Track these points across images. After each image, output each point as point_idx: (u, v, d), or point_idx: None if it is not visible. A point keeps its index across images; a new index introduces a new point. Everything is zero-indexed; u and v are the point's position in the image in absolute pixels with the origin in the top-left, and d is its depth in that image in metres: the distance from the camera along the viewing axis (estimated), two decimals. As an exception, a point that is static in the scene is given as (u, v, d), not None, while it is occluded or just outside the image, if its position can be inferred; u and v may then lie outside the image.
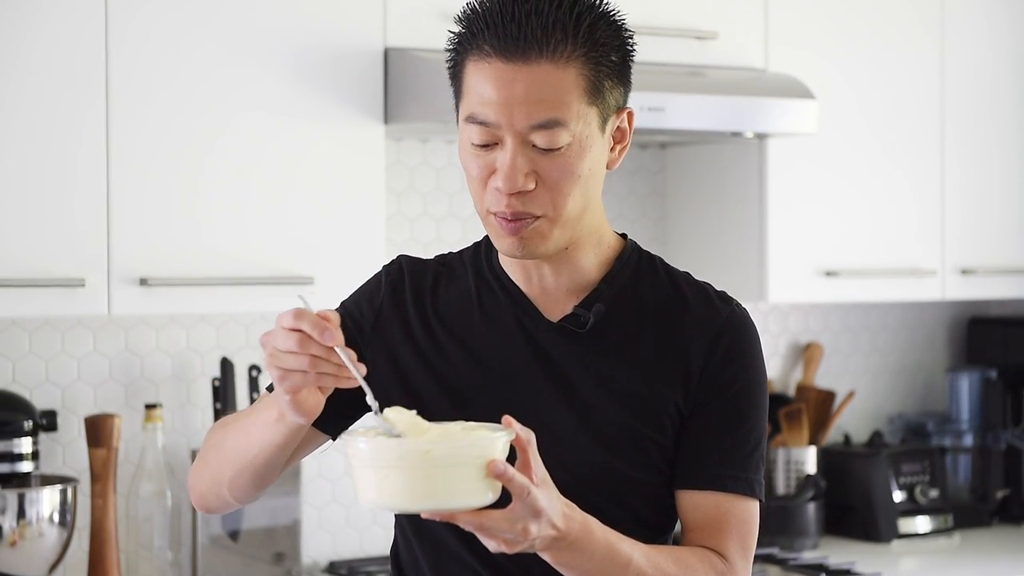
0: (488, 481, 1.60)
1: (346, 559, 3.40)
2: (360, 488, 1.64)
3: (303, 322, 1.63)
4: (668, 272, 1.92)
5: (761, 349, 1.90)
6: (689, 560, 1.80)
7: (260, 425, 1.78)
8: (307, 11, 3.00)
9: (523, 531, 1.61)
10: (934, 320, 4.34)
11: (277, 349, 1.65)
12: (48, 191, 2.78)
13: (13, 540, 2.89)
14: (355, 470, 1.64)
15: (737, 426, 1.86)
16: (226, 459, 1.84)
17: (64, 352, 3.16)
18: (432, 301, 1.90)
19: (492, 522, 1.60)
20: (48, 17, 2.78)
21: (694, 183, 3.78)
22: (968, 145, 3.83)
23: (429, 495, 1.59)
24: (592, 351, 1.85)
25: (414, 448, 1.59)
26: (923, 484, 3.89)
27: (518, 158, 1.75)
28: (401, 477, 1.59)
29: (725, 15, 3.46)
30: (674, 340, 1.86)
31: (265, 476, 1.83)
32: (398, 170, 3.48)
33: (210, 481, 1.88)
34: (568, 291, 1.88)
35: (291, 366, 1.65)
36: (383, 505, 1.63)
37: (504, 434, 1.62)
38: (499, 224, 1.78)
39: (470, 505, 1.60)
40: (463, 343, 1.87)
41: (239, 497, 1.88)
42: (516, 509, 1.60)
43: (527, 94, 1.73)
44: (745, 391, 1.86)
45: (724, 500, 1.86)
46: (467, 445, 1.60)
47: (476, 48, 1.76)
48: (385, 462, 1.60)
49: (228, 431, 1.86)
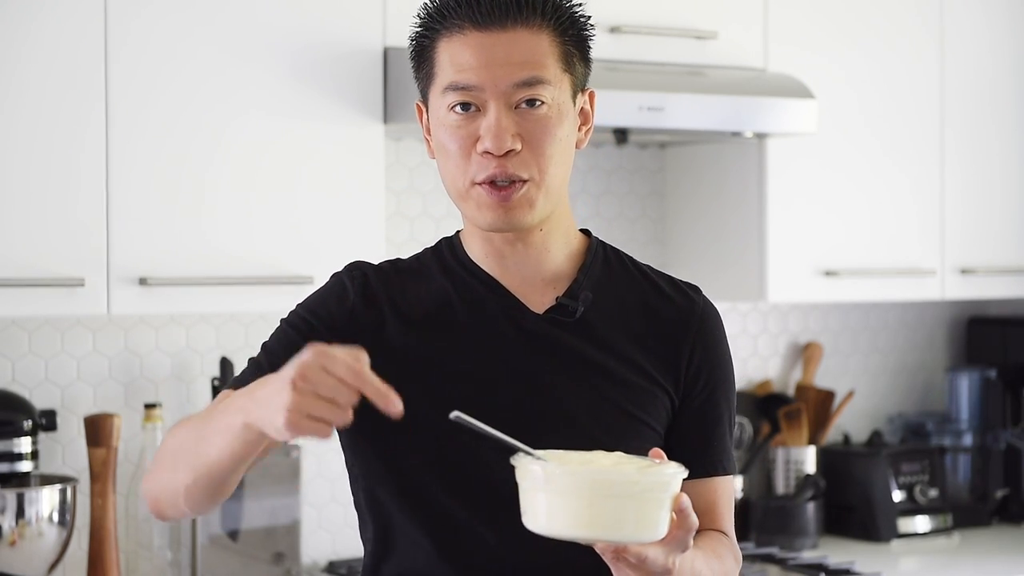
0: (665, 515, 1.59)
1: (346, 559, 3.40)
2: (530, 513, 1.59)
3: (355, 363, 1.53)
4: (635, 265, 1.96)
5: (726, 333, 1.97)
6: (720, 551, 1.85)
7: (223, 433, 1.65)
8: (307, 11, 3.00)
9: (672, 564, 1.63)
10: (934, 320, 4.34)
11: (321, 372, 1.52)
12: (48, 191, 2.78)
13: (12, 540, 2.89)
14: (525, 493, 1.60)
15: (724, 411, 1.92)
16: (183, 466, 1.73)
17: (64, 352, 3.16)
18: (404, 302, 1.88)
19: (655, 554, 1.61)
20: (48, 17, 2.78)
21: (694, 183, 3.78)
22: (968, 145, 3.83)
23: (617, 525, 1.56)
24: (583, 341, 1.87)
25: (621, 478, 1.56)
26: (923, 484, 3.89)
27: (503, 118, 1.78)
28: (590, 504, 1.55)
29: (725, 15, 3.46)
30: (657, 330, 1.89)
31: (221, 487, 1.74)
32: (398, 170, 3.48)
33: (166, 488, 1.77)
34: (544, 282, 1.89)
35: (329, 393, 1.52)
36: (556, 533, 1.58)
37: (683, 471, 1.61)
38: (487, 193, 1.80)
39: (649, 538, 1.59)
40: (450, 335, 1.86)
41: (194, 507, 1.77)
42: (675, 542, 1.62)
43: (508, 56, 1.78)
44: (726, 376, 1.93)
45: (720, 483, 1.92)
46: (665, 480, 1.58)
47: (447, 27, 1.80)
48: (574, 489, 1.55)
49: (186, 436, 1.75)
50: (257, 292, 2.95)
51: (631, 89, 3.17)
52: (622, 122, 3.20)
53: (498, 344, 1.86)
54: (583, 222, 1.98)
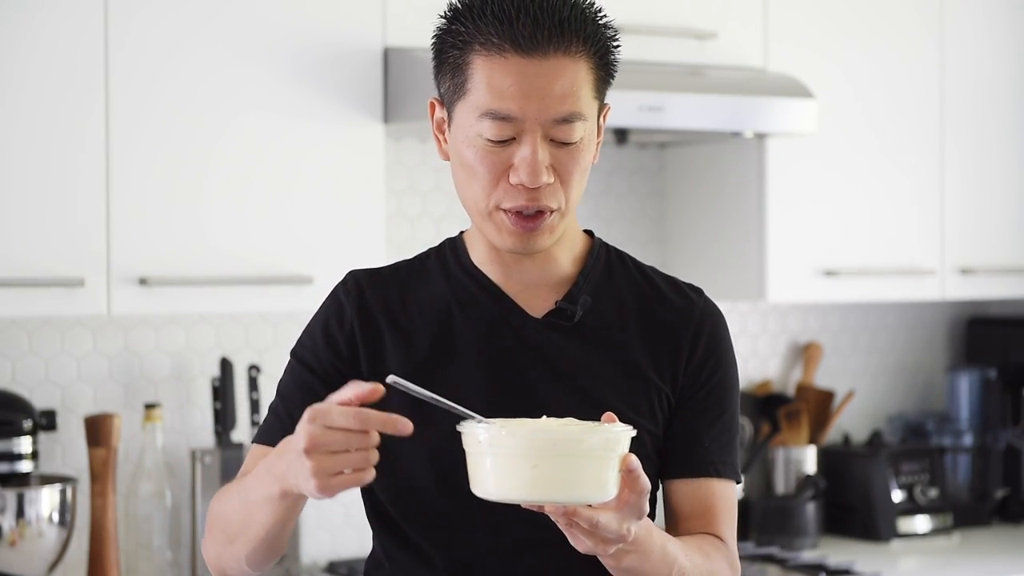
0: (613, 476, 1.57)
1: (346, 559, 3.40)
2: (478, 478, 1.59)
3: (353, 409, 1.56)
4: (637, 266, 1.95)
5: (730, 336, 1.95)
6: (708, 550, 1.83)
7: (264, 504, 1.70)
8: (307, 11, 3.00)
9: (626, 531, 1.60)
10: (934, 320, 4.34)
11: (326, 432, 1.55)
12: (48, 191, 2.78)
13: (12, 540, 2.89)
14: (472, 458, 1.59)
15: (722, 413, 1.90)
16: (238, 539, 1.78)
17: (64, 352, 3.16)
18: (401, 311, 1.87)
19: (607, 519, 1.58)
20: (48, 17, 2.78)
21: (694, 183, 3.78)
22: (968, 145, 3.83)
23: (564, 486, 1.55)
24: (581, 345, 1.86)
25: (566, 436, 1.54)
26: (922, 484, 3.89)
27: (540, 152, 1.76)
28: (535, 465, 1.54)
29: (724, 14, 3.46)
30: (657, 331, 1.89)
31: (277, 544, 1.78)
32: (397, 170, 3.48)
33: (230, 558, 1.82)
34: (547, 286, 1.88)
35: (343, 447, 1.55)
36: (504, 496, 1.57)
37: (632, 430, 1.60)
38: (511, 221, 1.78)
39: (597, 499, 1.56)
40: (448, 346, 1.86)
41: (258, 567, 1.82)
42: (627, 507, 1.59)
43: (549, 88, 1.75)
44: (725, 378, 1.91)
45: (716, 486, 1.89)
46: (612, 438, 1.56)
47: (484, 43, 1.76)
48: (520, 450, 1.54)
49: (232, 509, 1.79)
50: (257, 292, 2.95)
51: (631, 89, 3.17)
52: (622, 122, 3.19)
53: (494, 351, 1.85)
54: (583, 222, 1.98)
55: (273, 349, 3.35)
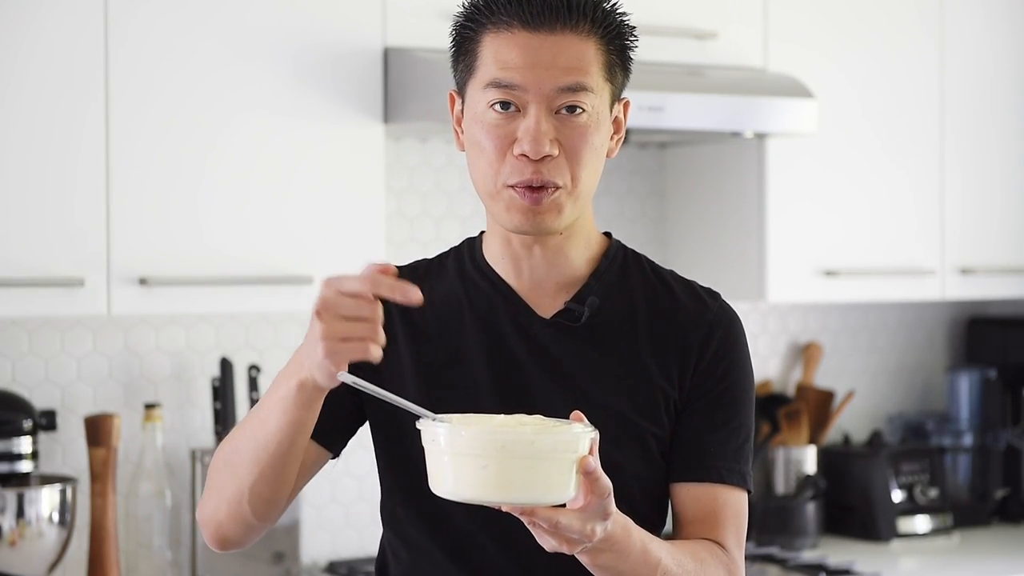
0: (572, 477, 1.56)
1: (346, 559, 3.40)
2: (436, 477, 1.59)
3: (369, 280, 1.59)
4: (654, 269, 1.95)
5: (747, 343, 1.95)
6: (702, 555, 1.82)
7: (277, 406, 1.70)
8: (307, 11, 3.00)
9: (591, 532, 1.60)
10: (934, 320, 4.34)
11: (338, 296, 1.59)
12: (48, 191, 2.78)
13: (12, 540, 2.89)
14: (431, 456, 1.59)
15: (730, 419, 1.90)
16: (243, 464, 1.77)
17: (64, 352, 3.16)
18: (415, 311, 1.86)
19: (568, 520, 1.58)
20: (48, 17, 2.78)
21: (693, 183, 3.78)
22: (968, 145, 3.83)
23: (518, 487, 1.54)
24: (588, 346, 1.86)
25: (516, 437, 1.54)
26: (922, 484, 3.89)
27: (543, 122, 1.77)
28: (485, 466, 1.54)
29: (724, 14, 3.46)
30: (667, 335, 1.88)
31: (283, 474, 1.76)
32: (397, 170, 3.48)
33: (226, 499, 1.80)
34: (558, 286, 1.88)
35: (352, 312, 1.59)
36: (461, 496, 1.57)
37: (593, 431, 1.59)
38: (519, 195, 1.79)
39: (554, 500, 1.56)
40: (457, 345, 1.86)
41: (259, 508, 1.80)
42: (590, 509, 1.59)
43: (554, 59, 1.77)
44: (736, 384, 1.92)
45: (721, 492, 1.87)
46: (566, 439, 1.56)
47: (495, 22, 1.79)
48: (473, 450, 1.54)
49: (237, 437, 1.79)
50: (257, 292, 2.95)
51: (631, 89, 3.16)
52: (622, 122, 3.19)
53: (500, 350, 1.86)
54: (584, 221, 1.97)
55: (273, 349, 3.35)
